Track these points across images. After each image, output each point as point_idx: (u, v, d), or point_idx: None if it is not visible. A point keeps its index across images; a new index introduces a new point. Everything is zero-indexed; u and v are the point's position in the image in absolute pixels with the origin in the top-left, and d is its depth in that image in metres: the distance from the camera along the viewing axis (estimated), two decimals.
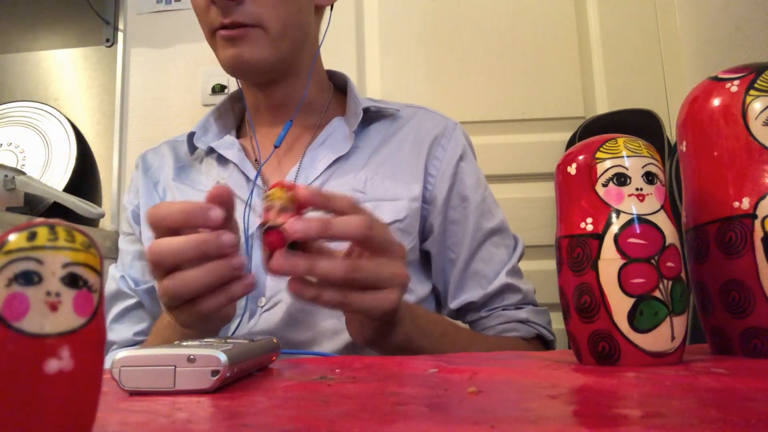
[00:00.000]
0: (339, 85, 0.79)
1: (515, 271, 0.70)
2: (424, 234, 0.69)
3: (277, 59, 0.66)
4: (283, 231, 0.37)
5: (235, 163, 0.70)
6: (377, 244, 0.41)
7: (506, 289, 0.68)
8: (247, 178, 0.68)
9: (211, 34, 0.65)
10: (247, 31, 0.63)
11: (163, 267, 0.40)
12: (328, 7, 0.75)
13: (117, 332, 0.67)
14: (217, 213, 0.39)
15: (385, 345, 0.48)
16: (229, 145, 0.72)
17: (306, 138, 0.72)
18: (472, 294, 0.67)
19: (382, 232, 0.42)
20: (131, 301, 0.68)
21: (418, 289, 0.68)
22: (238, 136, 0.76)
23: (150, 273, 0.43)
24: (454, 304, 0.68)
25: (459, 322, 0.68)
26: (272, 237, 0.38)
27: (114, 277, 0.69)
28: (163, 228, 0.41)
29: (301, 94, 0.72)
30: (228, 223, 0.42)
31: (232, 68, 0.66)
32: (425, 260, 0.70)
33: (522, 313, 0.67)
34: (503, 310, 0.67)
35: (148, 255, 0.40)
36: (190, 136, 0.73)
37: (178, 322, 0.44)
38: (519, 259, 0.72)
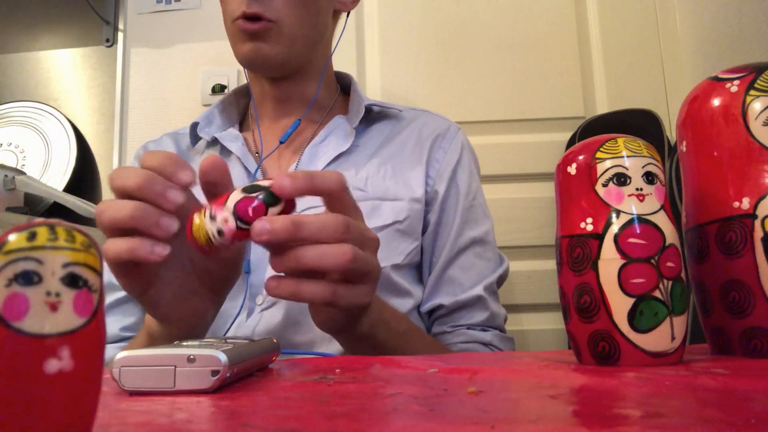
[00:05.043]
0: (344, 86, 0.80)
1: (492, 290, 0.68)
2: (424, 233, 0.69)
3: (292, 56, 0.67)
4: (252, 229, 0.35)
5: (238, 156, 0.70)
6: (355, 244, 0.39)
7: (478, 302, 0.66)
8: (248, 172, 0.69)
9: (231, 22, 0.66)
10: (266, 26, 0.64)
11: (103, 229, 0.38)
12: (344, 13, 0.76)
13: None
14: (174, 195, 0.37)
15: (351, 335, 0.47)
16: (233, 138, 0.72)
17: (307, 134, 0.73)
18: (443, 299, 0.66)
19: (358, 230, 0.39)
20: (121, 294, 0.66)
21: (418, 293, 0.67)
22: (240, 130, 0.76)
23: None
24: (425, 308, 0.67)
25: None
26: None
27: (105, 268, 0.68)
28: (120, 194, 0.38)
29: (308, 92, 0.73)
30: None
31: (248, 62, 0.67)
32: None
33: (487, 336, 0.65)
34: (468, 328, 0.65)
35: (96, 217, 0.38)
36: (194, 126, 0.74)
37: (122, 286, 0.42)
38: (500, 279, 0.70)
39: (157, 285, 0.42)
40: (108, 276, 0.66)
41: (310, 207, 0.63)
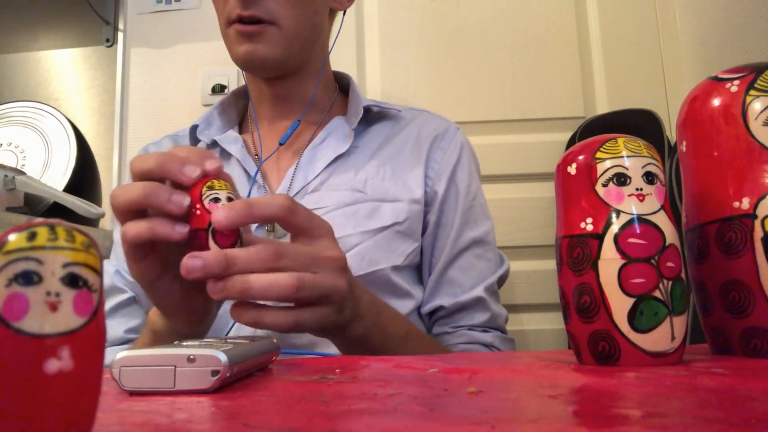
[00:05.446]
0: (343, 86, 0.79)
1: (493, 291, 0.68)
2: (424, 233, 0.69)
3: (289, 57, 0.67)
4: (182, 266, 0.36)
5: (237, 159, 0.70)
6: (296, 268, 0.39)
7: (478, 303, 0.66)
8: (248, 175, 0.69)
9: (227, 25, 0.65)
10: (263, 28, 0.63)
11: (117, 213, 0.39)
12: (340, 12, 0.75)
13: (108, 329, 0.65)
14: (190, 169, 0.38)
15: (342, 339, 0.48)
16: (232, 141, 0.72)
17: (306, 136, 0.72)
18: (443, 300, 0.66)
19: (298, 254, 0.40)
20: (124, 297, 0.66)
21: (418, 294, 0.67)
22: (239, 132, 0.76)
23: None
24: (425, 309, 0.67)
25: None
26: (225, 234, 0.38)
27: (108, 272, 0.67)
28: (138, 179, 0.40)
29: (306, 91, 0.73)
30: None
31: (244, 63, 0.67)
32: None
33: (488, 337, 0.65)
34: (469, 329, 0.65)
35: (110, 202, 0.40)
36: (193, 129, 0.74)
37: (128, 268, 0.42)
38: (501, 280, 0.70)
39: (168, 275, 0.42)
40: (111, 280, 0.67)
41: (316, 208, 0.63)
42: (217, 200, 0.38)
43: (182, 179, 0.38)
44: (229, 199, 0.39)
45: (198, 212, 0.38)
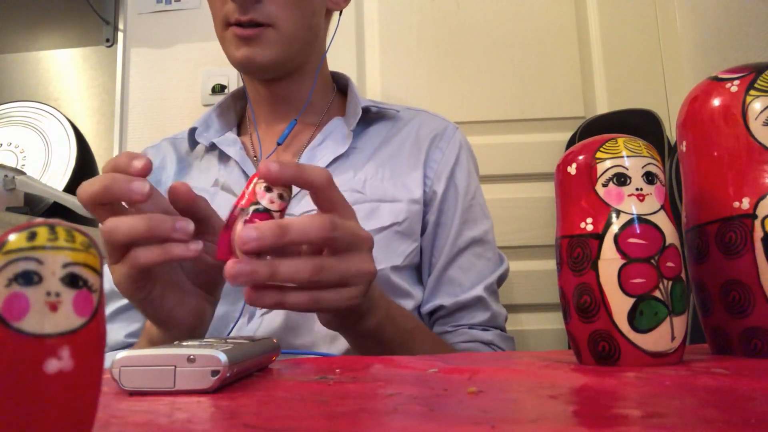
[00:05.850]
0: (341, 86, 0.79)
1: (492, 290, 0.68)
2: (423, 233, 0.69)
3: (287, 59, 0.67)
4: (237, 239, 0.35)
5: (236, 161, 0.70)
6: (343, 243, 0.39)
7: (478, 302, 0.66)
8: (247, 176, 0.69)
9: (224, 27, 0.65)
10: (260, 32, 0.63)
11: (116, 245, 0.39)
12: (337, 12, 0.75)
13: (108, 333, 0.66)
14: (138, 185, 0.37)
15: (356, 331, 0.47)
16: (231, 143, 0.72)
17: (305, 137, 0.72)
18: (443, 299, 0.66)
19: (346, 228, 0.39)
20: (124, 301, 0.66)
21: (418, 294, 0.67)
22: (238, 134, 0.76)
23: (106, 255, 0.41)
24: (425, 308, 0.67)
25: None
26: (257, 219, 0.36)
27: (108, 276, 0.68)
28: (95, 205, 0.39)
29: (304, 92, 0.73)
30: (199, 223, 0.41)
31: (242, 67, 0.66)
32: None
33: (488, 335, 0.65)
34: (469, 328, 0.66)
35: (102, 235, 0.39)
36: (192, 131, 0.74)
37: (118, 285, 0.42)
38: (500, 279, 0.70)
39: (157, 288, 0.42)
40: (111, 285, 0.67)
41: (309, 210, 0.63)
42: (269, 189, 0.37)
43: (135, 198, 0.37)
44: (280, 196, 0.37)
45: (244, 192, 0.37)
